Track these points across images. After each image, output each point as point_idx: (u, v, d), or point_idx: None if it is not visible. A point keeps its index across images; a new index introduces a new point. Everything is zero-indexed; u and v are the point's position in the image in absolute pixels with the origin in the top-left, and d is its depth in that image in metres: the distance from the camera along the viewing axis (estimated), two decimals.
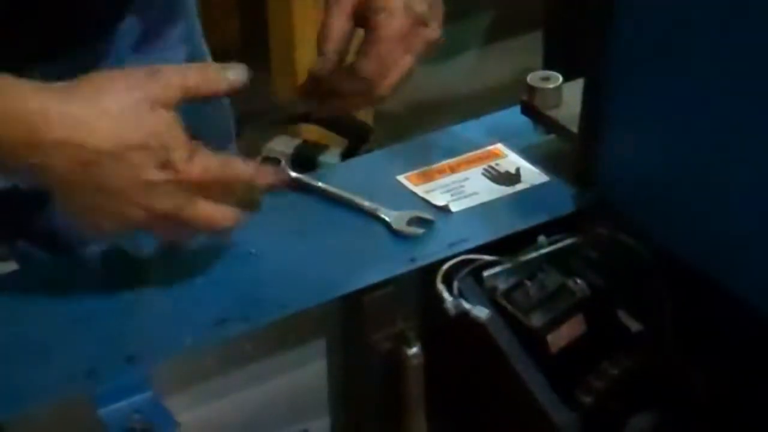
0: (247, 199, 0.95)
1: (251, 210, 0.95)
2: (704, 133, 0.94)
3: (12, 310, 0.96)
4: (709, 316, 0.95)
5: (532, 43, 2.48)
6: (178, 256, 1.00)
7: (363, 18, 1.04)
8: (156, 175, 0.90)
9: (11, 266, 1.16)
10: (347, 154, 1.99)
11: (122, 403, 0.90)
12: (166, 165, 0.90)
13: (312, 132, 2.14)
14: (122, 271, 0.99)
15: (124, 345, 0.93)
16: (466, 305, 0.96)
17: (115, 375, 0.90)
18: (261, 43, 2.41)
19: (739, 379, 0.93)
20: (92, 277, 1.00)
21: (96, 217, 0.92)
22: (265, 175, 0.96)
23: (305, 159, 2.00)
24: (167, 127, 0.91)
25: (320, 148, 2.05)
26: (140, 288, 0.98)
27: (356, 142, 1.98)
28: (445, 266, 0.97)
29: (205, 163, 0.92)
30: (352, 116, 2.05)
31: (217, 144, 1.04)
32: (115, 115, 0.89)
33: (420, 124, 1.22)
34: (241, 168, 0.95)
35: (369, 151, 1.95)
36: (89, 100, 0.90)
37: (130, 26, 1.14)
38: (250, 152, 1.70)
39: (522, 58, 2.57)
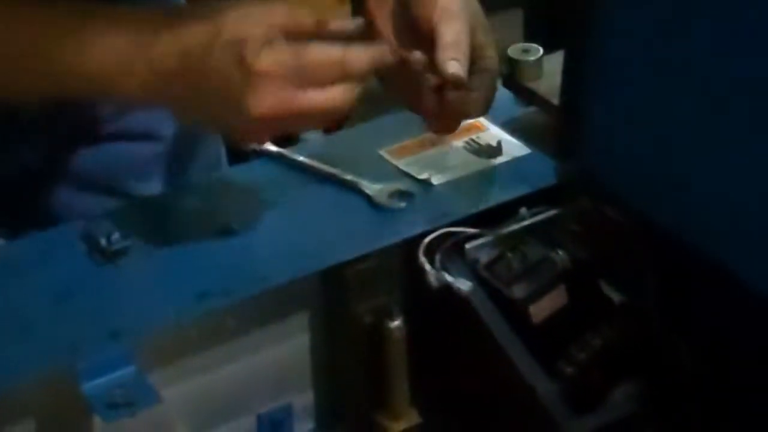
0: (351, 79, 0.94)
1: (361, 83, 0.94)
2: (686, 103, 0.94)
3: None
4: (692, 287, 0.95)
5: (513, 19, 2.47)
6: (159, 231, 1.00)
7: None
8: (235, 72, 0.91)
9: None
10: (329, 129, 1.98)
11: (105, 378, 0.90)
12: (242, 60, 0.91)
13: None
14: (104, 247, 0.98)
15: (106, 320, 0.92)
16: (449, 278, 0.96)
17: (98, 350, 0.90)
18: None
19: (721, 349, 0.93)
20: (74, 252, 0.99)
21: (217, 114, 0.94)
22: (358, 58, 0.94)
23: (284, 136, 2.00)
24: (260, 26, 0.92)
25: None
26: (122, 263, 0.97)
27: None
28: (427, 239, 0.97)
29: (282, 55, 0.92)
30: None
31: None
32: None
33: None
34: (324, 54, 0.93)
35: (350, 125, 1.94)
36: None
37: None
38: None
39: (502, 34, 2.57)
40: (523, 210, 1.01)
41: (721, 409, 0.93)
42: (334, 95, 0.93)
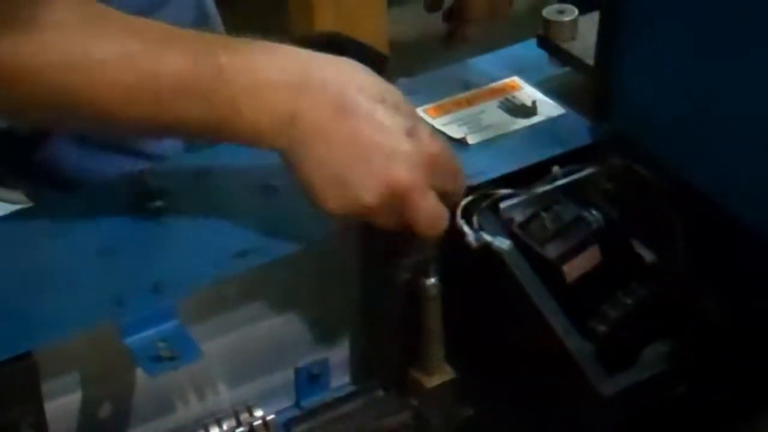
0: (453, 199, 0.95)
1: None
2: (718, 65, 0.93)
3: (37, 243, 0.96)
4: (722, 246, 0.95)
5: None
6: (201, 189, 1.00)
7: None
8: (403, 141, 0.90)
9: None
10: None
11: (148, 332, 0.90)
12: (412, 132, 0.90)
13: None
14: (147, 203, 0.99)
15: (149, 275, 0.93)
16: (488, 237, 0.96)
17: (141, 305, 0.91)
18: (280, 13, 2.39)
19: (751, 308, 0.94)
20: (117, 208, 0.99)
21: (341, 180, 0.90)
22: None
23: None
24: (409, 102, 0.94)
25: None
26: (164, 219, 0.98)
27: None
28: (464, 201, 0.97)
29: (443, 144, 0.93)
30: (368, 46, 2.03)
31: None
32: (374, 75, 0.92)
33: (434, 55, 1.22)
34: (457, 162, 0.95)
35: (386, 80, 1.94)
36: (351, 62, 0.93)
37: None
38: None
39: None
40: (555, 169, 1.00)
41: (750, 367, 0.93)
42: (441, 212, 0.93)
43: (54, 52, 0.87)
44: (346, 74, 0.91)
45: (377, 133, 0.90)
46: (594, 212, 0.98)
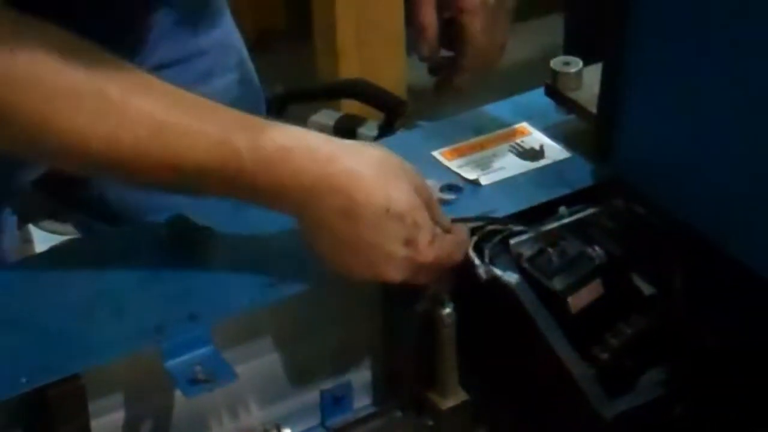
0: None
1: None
2: (713, 114, 0.94)
3: (84, 272, 0.97)
4: (716, 280, 0.95)
5: (554, 23, 2.47)
6: (237, 224, 1.00)
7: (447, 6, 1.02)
8: (400, 249, 0.91)
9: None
10: (384, 127, 1.99)
11: (186, 357, 0.90)
12: (410, 242, 0.91)
13: (352, 106, 2.14)
14: (185, 237, 0.99)
15: (187, 305, 0.93)
16: (497, 271, 0.96)
17: (180, 331, 0.91)
18: (305, 25, 2.41)
19: (744, 336, 0.93)
20: (158, 242, 1.00)
21: (343, 263, 0.92)
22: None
23: (345, 131, 2.00)
24: (422, 209, 0.92)
25: (359, 120, 2.05)
26: (201, 252, 0.98)
27: (392, 115, 1.98)
28: (476, 236, 0.97)
29: (441, 250, 0.93)
30: (388, 92, 2.05)
31: None
32: (389, 182, 0.91)
33: (449, 100, 1.22)
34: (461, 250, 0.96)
35: (404, 124, 1.95)
36: (372, 165, 0.92)
37: (163, 16, 1.13)
38: (296, 124, 1.67)
39: (544, 38, 2.56)
40: (562, 209, 1.01)
41: (742, 391, 0.93)
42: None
43: (85, 112, 0.88)
44: (357, 180, 0.90)
45: (375, 238, 0.91)
46: (597, 248, 0.98)
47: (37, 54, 0.86)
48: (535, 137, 1.11)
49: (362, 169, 0.91)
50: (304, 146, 0.91)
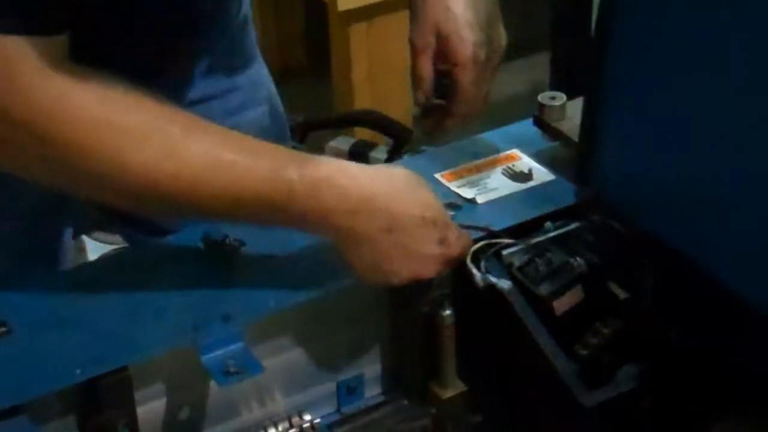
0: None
1: None
2: (677, 144, 0.95)
3: (130, 278, 0.97)
4: (682, 286, 0.95)
5: (542, 62, 2.47)
6: (264, 234, 0.99)
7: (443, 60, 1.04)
8: (435, 248, 0.93)
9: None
10: (392, 152, 2.00)
11: (220, 352, 0.91)
12: (443, 241, 0.93)
13: (365, 133, 2.15)
14: (220, 247, 0.99)
15: (220, 307, 0.94)
16: (492, 279, 0.97)
17: (214, 330, 0.92)
18: (324, 63, 2.41)
19: (705, 335, 0.94)
20: (195, 251, 1.00)
21: (379, 270, 0.93)
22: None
23: (359, 154, 2.01)
24: (445, 211, 0.96)
25: (371, 145, 2.05)
26: (233, 262, 0.98)
27: (400, 142, 1.99)
28: (473, 248, 0.98)
29: (464, 241, 0.96)
30: (396, 121, 2.05)
31: None
32: (418, 194, 0.93)
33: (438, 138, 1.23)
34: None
35: (410, 149, 1.95)
36: (401, 182, 0.93)
37: (202, 61, 1.13)
38: (315, 150, 1.68)
39: (533, 75, 2.57)
40: (548, 224, 1.01)
41: (704, 383, 0.93)
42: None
43: (151, 150, 0.88)
44: (394, 198, 0.92)
45: (414, 244, 0.93)
46: (578, 259, 0.98)
47: (106, 99, 0.87)
48: (524, 162, 1.12)
49: (396, 187, 0.93)
50: (345, 172, 0.92)
